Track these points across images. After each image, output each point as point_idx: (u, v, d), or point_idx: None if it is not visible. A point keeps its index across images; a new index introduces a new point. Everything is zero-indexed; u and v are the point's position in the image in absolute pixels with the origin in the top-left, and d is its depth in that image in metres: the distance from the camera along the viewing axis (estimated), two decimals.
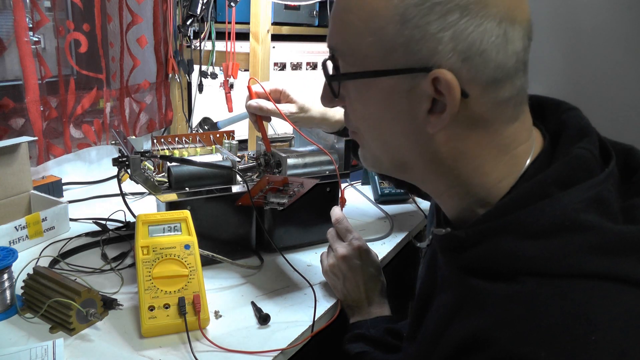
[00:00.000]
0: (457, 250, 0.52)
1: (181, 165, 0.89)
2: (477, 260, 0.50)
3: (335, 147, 1.01)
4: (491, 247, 0.49)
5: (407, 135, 0.52)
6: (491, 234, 0.49)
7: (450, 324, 0.50)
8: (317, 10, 1.71)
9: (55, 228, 1.02)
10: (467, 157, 0.51)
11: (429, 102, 0.48)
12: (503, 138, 0.51)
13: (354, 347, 0.76)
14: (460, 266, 0.52)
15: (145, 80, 1.44)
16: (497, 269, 0.48)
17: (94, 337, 0.71)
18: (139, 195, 1.26)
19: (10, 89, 1.11)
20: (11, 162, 1.03)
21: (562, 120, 0.55)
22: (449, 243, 0.54)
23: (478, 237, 0.50)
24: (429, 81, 0.47)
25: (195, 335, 0.72)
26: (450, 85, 0.46)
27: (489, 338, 0.44)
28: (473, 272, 0.50)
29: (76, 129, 1.27)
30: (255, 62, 1.33)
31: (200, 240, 0.80)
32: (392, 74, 0.49)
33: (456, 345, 0.47)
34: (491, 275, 0.48)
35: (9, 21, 1.07)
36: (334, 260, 0.84)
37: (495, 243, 0.48)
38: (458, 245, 0.52)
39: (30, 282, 0.76)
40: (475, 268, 0.50)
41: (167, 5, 1.43)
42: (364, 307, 0.81)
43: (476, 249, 0.50)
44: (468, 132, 0.50)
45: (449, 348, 0.48)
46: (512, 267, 0.47)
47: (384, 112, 0.52)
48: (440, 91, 0.47)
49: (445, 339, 0.50)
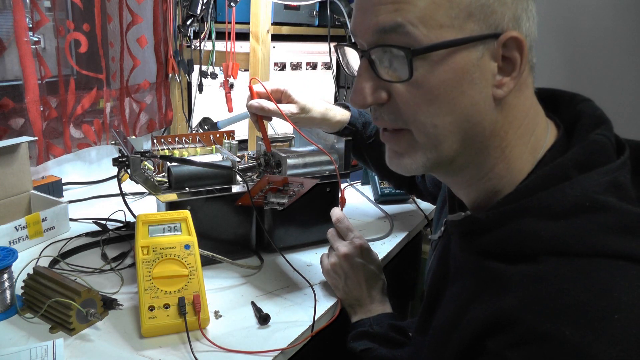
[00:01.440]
0: (477, 234, 0.53)
1: (181, 165, 0.89)
2: (498, 242, 0.51)
3: (335, 147, 1.01)
4: (513, 228, 0.50)
5: (477, 106, 0.51)
6: (513, 215, 0.50)
7: (469, 309, 0.50)
8: (317, 10, 1.71)
9: (55, 228, 1.02)
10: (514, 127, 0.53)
11: (496, 68, 0.50)
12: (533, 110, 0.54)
13: (359, 345, 0.76)
14: (479, 250, 0.53)
15: (145, 80, 1.44)
16: (519, 250, 0.49)
17: (94, 337, 0.71)
18: (139, 195, 1.26)
19: (10, 89, 1.11)
20: (11, 162, 1.03)
21: (577, 110, 0.56)
22: (469, 226, 0.54)
23: (499, 219, 0.51)
24: (500, 45, 0.49)
25: (195, 335, 0.72)
26: (522, 44, 0.49)
27: (513, 318, 0.45)
28: (493, 255, 0.51)
29: (76, 129, 1.27)
30: (255, 62, 1.33)
31: (200, 240, 0.80)
32: (472, 41, 0.49)
33: (478, 328, 0.48)
34: (512, 257, 0.49)
35: (9, 21, 1.07)
36: (336, 259, 0.84)
37: (516, 224, 0.49)
38: (478, 229, 0.53)
39: (30, 282, 0.76)
40: (496, 251, 0.51)
41: (167, 5, 1.43)
42: (366, 305, 0.82)
43: (497, 231, 0.51)
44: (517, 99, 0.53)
45: (469, 331, 0.49)
46: (534, 247, 0.48)
47: (458, 85, 0.50)
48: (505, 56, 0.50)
49: (464, 324, 0.50)
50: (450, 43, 0.48)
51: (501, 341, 0.45)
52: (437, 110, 0.51)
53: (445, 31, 0.48)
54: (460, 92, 0.50)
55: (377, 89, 0.53)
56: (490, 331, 0.47)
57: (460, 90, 0.50)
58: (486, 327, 0.47)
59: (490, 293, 0.49)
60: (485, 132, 0.53)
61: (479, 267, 0.52)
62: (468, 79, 0.50)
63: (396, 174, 1.09)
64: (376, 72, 0.52)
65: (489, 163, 0.54)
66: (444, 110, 0.51)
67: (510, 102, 0.52)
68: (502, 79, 0.51)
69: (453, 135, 0.52)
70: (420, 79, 0.50)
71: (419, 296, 1.42)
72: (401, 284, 0.95)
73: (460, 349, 0.50)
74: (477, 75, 0.50)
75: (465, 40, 0.48)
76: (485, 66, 0.50)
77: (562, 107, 0.58)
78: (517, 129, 0.54)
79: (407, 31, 0.49)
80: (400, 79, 0.51)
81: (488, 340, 0.47)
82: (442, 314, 0.58)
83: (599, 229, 0.46)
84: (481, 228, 0.52)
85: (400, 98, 0.52)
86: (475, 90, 0.50)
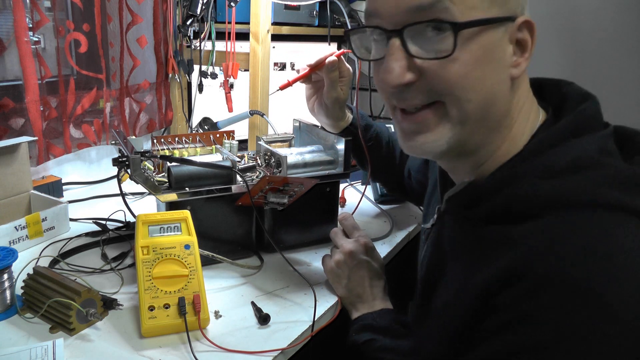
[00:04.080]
0: (478, 201, 0.56)
1: (181, 165, 0.89)
2: (500, 205, 0.54)
3: (336, 147, 1.01)
4: (513, 190, 0.53)
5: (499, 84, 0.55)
6: (512, 179, 0.54)
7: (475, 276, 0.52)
8: (317, 10, 1.71)
9: (55, 228, 1.02)
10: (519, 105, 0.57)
11: (512, 48, 0.54)
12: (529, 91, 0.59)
13: (362, 337, 0.76)
14: (481, 218, 0.55)
15: (145, 80, 1.44)
16: (521, 210, 0.52)
17: (94, 337, 0.71)
18: (139, 195, 1.26)
19: (10, 89, 1.11)
20: (11, 162, 1.03)
21: (563, 92, 0.60)
22: (470, 194, 0.57)
23: (500, 183, 0.54)
24: (515, 28, 0.54)
25: (195, 335, 0.72)
26: (533, 27, 0.54)
27: (521, 271, 0.47)
28: (495, 220, 0.54)
29: (76, 129, 1.27)
30: (255, 62, 1.33)
31: (200, 240, 0.80)
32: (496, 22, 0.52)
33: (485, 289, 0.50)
34: (515, 218, 0.51)
35: (9, 21, 1.07)
36: (340, 256, 0.83)
37: (516, 186, 0.53)
38: (479, 195, 0.56)
39: (30, 282, 0.76)
40: (498, 215, 0.53)
41: (167, 5, 1.43)
42: (368, 301, 0.81)
43: (498, 195, 0.54)
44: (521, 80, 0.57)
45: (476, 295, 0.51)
46: (536, 205, 0.51)
47: (485, 62, 0.53)
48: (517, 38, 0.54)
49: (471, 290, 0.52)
50: (484, 21, 0.52)
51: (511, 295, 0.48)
52: (469, 86, 0.53)
53: (475, 12, 0.52)
54: (488, 70, 0.54)
55: (409, 67, 0.54)
56: (499, 288, 0.49)
57: (488, 68, 0.54)
58: (494, 286, 0.49)
59: (495, 255, 0.51)
60: (501, 110, 0.56)
61: (481, 236, 0.55)
62: (493, 58, 0.53)
63: (390, 177, 1.11)
64: (408, 51, 0.53)
65: (497, 142, 0.58)
66: (474, 88, 0.54)
67: (519, 83, 0.57)
68: (517, 59, 0.55)
69: (476, 113, 0.55)
70: (456, 54, 0.52)
71: None
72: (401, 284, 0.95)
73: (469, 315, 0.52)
74: (500, 55, 0.54)
75: (493, 20, 0.52)
76: (504, 47, 0.54)
77: (548, 92, 0.62)
78: (521, 108, 0.58)
79: (446, 7, 0.51)
80: (437, 56, 0.52)
81: (497, 298, 0.49)
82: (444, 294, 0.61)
83: (598, 183, 0.49)
84: (483, 194, 0.55)
85: (434, 75, 0.53)
86: (498, 69, 0.54)
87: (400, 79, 0.54)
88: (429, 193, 0.82)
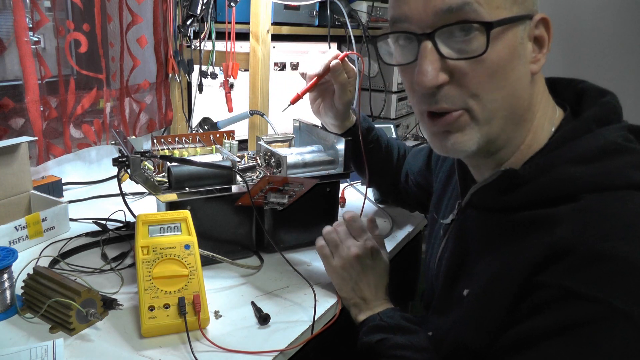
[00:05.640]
0: (514, 188, 0.58)
1: (181, 165, 0.89)
2: (538, 191, 0.56)
3: (336, 148, 1.01)
4: (550, 176, 0.56)
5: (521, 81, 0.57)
6: (548, 165, 0.56)
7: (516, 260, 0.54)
8: (317, 10, 1.71)
9: (55, 228, 1.02)
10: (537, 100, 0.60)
11: (531, 45, 0.57)
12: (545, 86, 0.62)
13: (373, 337, 0.75)
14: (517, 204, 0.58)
15: (145, 80, 1.44)
16: (559, 194, 0.54)
17: (94, 337, 0.71)
18: (139, 195, 1.26)
19: (10, 89, 1.11)
20: (11, 162, 1.03)
21: (579, 89, 0.63)
22: (506, 182, 0.59)
23: (536, 170, 0.57)
24: (533, 25, 0.56)
25: (195, 335, 0.72)
26: (549, 24, 0.57)
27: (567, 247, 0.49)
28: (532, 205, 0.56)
29: (76, 129, 1.27)
30: (255, 62, 1.33)
31: (200, 240, 0.80)
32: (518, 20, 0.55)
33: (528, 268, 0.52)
34: (552, 202, 0.54)
35: (9, 21, 1.07)
36: (347, 260, 0.82)
37: (553, 172, 0.55)
38: (516, 182, 0.58)
39: (30, 282, 0.76)
40: (535, 200, 0.56)
41: (167, 5, 1.43)
42: (373, 303, 0.80)
43: (536, 181, 0.56)
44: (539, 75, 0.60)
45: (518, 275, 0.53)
46: (573, 188, 0.54)
47: (510, 60, 0.56)
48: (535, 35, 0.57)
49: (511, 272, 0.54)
50: (509, 20, 0.54)
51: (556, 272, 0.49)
52: (496, 84, 0.56)
53: (500, 11, 0.54)
54: (512, 67, 0.56)
55: (441, 69, 0.56)
56: (543, 266, 0.51)
57: (512, 66, 0.56)
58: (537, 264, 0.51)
59: (536, 236, 0.54)
60: (524, 105, 0.59)
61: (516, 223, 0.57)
62: (517, 55, 0.56)
63: (385, 180, 1.11)
64: (440, 53, 0.55)
65: (521, 136, 0.60)
66: (500, 85, 0.56)
67: (537, 78, 0.60)
68: (535, 55, 0.58)
69: (502, 110, 0.57)
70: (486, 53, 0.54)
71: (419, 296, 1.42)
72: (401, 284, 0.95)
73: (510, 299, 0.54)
74: (521, 52, 0.56)
75: (516, 19, 0.54)
76: (525, 44, 0.57)
77: (562, 89, 0.65)
78: (540, 102, 0.60)
79: (474, 9, 0.53)
80: (469, 56, 0.54)
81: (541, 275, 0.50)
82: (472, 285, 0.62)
83: (629, 166, 0.53)
84: (520, 181, 0.57)
85: (463, 75, 0.56)
86: (520, 65, 0.57)
87: (434, 80, 0.56)
88: (438, 192, 0.83)
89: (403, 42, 0.59)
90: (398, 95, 2.04)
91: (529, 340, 0.50)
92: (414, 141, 1.97)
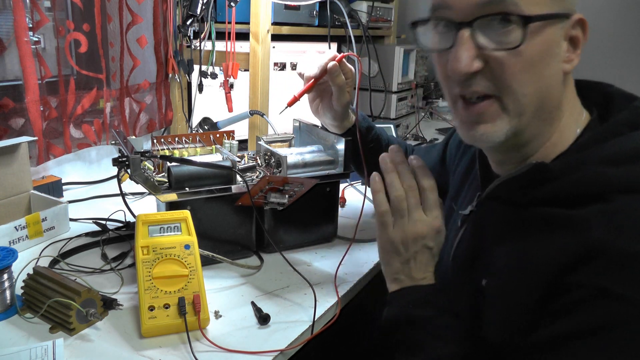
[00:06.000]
0: (542, 183, 0.58)
1: (181, 165, 0.89)
2: (567, 187, 0.56)
3: (336, 147, 1.01)
4: (580, 174, 0.56)
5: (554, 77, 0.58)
6: (578, 163, 0.56)
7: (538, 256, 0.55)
8: (317, 10, 1.71)
9: (55, 228, 1.02)
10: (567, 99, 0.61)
11: (567, 44, 0.58)
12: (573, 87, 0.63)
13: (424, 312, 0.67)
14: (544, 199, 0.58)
15: (145, 80, 1.44)
16: (587, 192, 0.54)
17: (94, 337, 0.71)
18: (139, 195, 1.26)
19: (10, 89, 1.11)
20: (11, 162, 1.03)
21: (607, 92, 0.64)
22: (535, 175, 0.59)
23: (566, 167, 0.57)
24: (571, 24, 0.57)
25: (195, 335, 0.72)
26: (586, 25, 0.58)
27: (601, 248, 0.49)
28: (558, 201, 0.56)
29: (76, 129, 1.27)
30: (255, 62, 1.33)
31: (200, 240, 0.80)
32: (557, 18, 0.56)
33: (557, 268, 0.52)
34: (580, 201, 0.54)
35: (9, 21, 1.07)
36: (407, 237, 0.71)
37: (583, 170, 0.55)
38: (545, 177, 0.58)
39: (30, 282, 0.76)
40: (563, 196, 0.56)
41: (167, 5, 1.43)
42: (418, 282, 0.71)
43: (565, 178, 0.56)
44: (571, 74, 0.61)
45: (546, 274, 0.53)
46: (603, 188, 0.54)
47: (545, 55, 0.56)
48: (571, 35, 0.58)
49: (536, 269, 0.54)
50: (549, 16, 0.55)
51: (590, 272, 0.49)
52: (529, 78, 0.57)
53: (540, 7, 0.55)
54: (547, 63, 0.57)
55: (476, 57, 0.58)
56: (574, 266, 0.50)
57: (547, 62, 0.57)
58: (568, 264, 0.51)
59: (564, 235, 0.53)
60: (554, 103, 0.59)
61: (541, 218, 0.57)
62: (552, 52, 0.57)
63: None
64: (477, 42, 0.57)
65: (548, 134, 0.61)
66: (533, 79, 0.57)
67: (568, 79, 0.60)
68: (570, 55, 0.58)
69: (532, 105, 0.58)
70: (522, 47, 0.55)
71: None
72: None
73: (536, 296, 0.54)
74: (557, 50, 0.57)
75: (555, 16, 0.56)
76: (561, 42, 0.57)
77: (589, 92, 0.65)
78: (569, 101, 0.61)
79: (514, 2, 0.54)
80: (505, 47, 0.56)
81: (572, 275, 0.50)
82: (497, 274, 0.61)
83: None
84: (549, 176, 0.58)
85: (498, 66, 0.57)
86: (554, 63, 0.58)
87: (469, 67, 0.57)
88: (456, 185, 0.82)
89: (442, 29, 0.60)
90: (398, 95, 2.04)
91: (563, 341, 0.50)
92: (414, 141, 1.97)
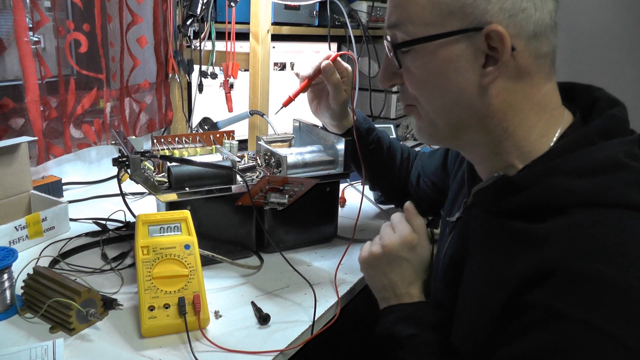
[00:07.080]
0: (508, 194, 0.57)
1: (181, 165, 0.89)
2: (530, 199, 0.55)
3: (335, 147, 1.01)
4: (544, 185, 0.54)
5: (465, 92, 0.58)
6: (543, 174, 0.55)
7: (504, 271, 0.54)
8: (317, 10, 1.71)
9: (55, 228, 1.02)
10: (515, 110, 0.58)
11: (483, 57, 0.56)
12: (543, 95, 0.59)
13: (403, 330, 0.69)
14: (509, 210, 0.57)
15: (145, 80, 1.44)
16: (549, 204, 0.53)
17: (94, 337, 0.71)
18: (139, 195, 1.26)
19: (10, 89, 1.11)
20: (11, 162, 1.03)
21: (594, 96, 0.62)
22: (501, 187, 0.58)
23: (531, 178, 0.56)
24: (483, 37, 0.54)
25: (195, 335, 0.72)
26: (502, 36, 0.53)
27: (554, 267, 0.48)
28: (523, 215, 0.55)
29: (76, 129, 1.27)
30: (255, 62, 1.33)
31: (200, 240, 0.80)
32: (452, 35, 0.56)
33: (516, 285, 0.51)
34: (542, 214, 0.53)
35: (9, 21, 1.07)
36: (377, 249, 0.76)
37: (547, 182, 0.54)
38: (510, 188, 0.57)
39: (30, 282, 0.76)
40: (527, 209, 0.55)
41: (167, 5, 1.43)
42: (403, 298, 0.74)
43: (529, 189, 0.55)
44: (515, 85, 0.57)
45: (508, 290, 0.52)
46: (564, 201, 0.52)
47: (444, 72, 0.58)
48: (492, 46, 0.55)
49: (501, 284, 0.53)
50: (428, 38, 0.57)
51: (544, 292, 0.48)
52: (430, 93, 0.60)
53: (429, 28, 0.57)
54: (447, 79, 0.58)
55: (395, 72, 0.63)
56: (530, 285, 0.49)
57: (447, 78, 0.58)
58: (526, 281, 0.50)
59: (525, 251, 0.52)
60: (479, 114, 0.59)
61: (508, 230, 0.56)
62: (453, 68, 0.57)
63: (390, 183, 1.10)
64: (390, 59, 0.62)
65: (494, 140, 0.60)
66: (435, 94, 0.60)
67: (505, 88, 0.57)
68: (488, 68, 0.56)
69: (445, 116, 0.61)
70: (411, 67, 0.60)
71: None
72: None
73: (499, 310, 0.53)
74: (462, 65, 0.57)
75: (444, 35, 0.56)
76: (470, 56, 0.56)
77: (577, 95, 0.64)
78: (518, 112, 0.58)
79: (403, 29, 0.59)
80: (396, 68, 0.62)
81: (528, 295, 0.49)
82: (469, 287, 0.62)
83: (624, 184, 0.51)
84: (514, 187, 0.57)
85: (405, 81, 0.63)
86: (462, 77, 0.57)
87: (383, 84, 0.65)
88: (454, 192, 0.81)
89: None
90: (398, 95, 2.04)
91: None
92: (414, 141, 1.97)
